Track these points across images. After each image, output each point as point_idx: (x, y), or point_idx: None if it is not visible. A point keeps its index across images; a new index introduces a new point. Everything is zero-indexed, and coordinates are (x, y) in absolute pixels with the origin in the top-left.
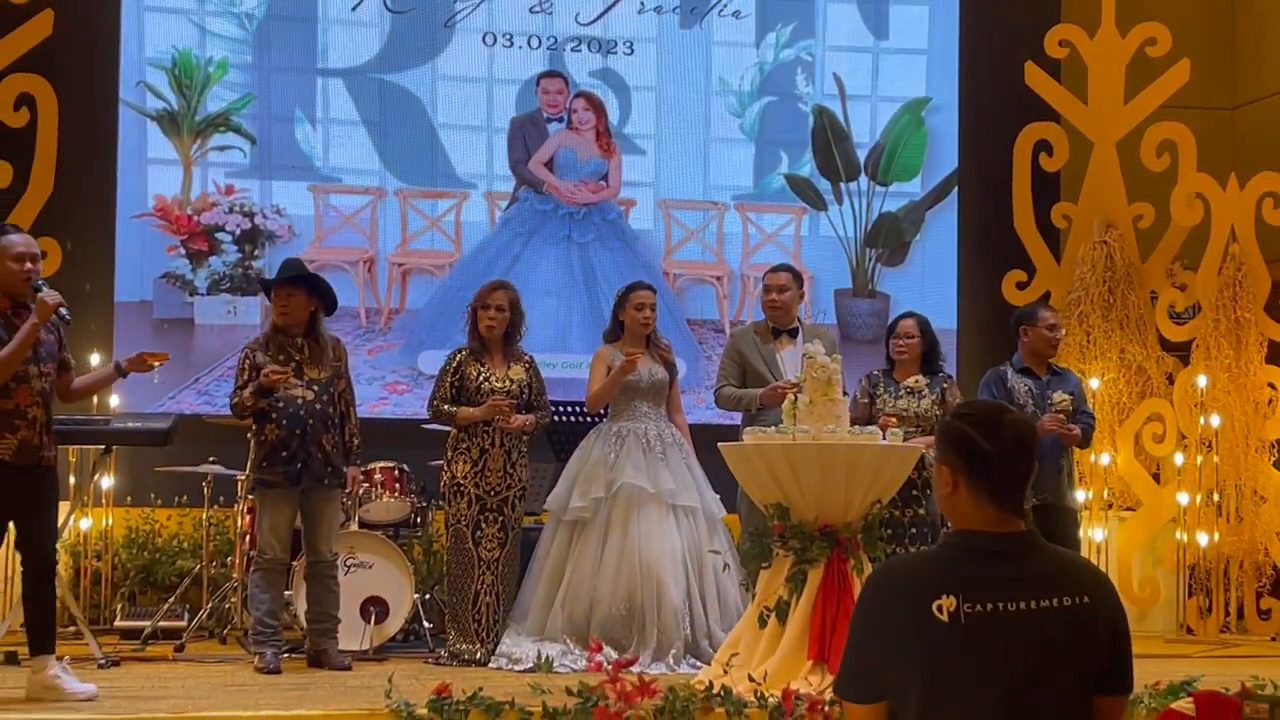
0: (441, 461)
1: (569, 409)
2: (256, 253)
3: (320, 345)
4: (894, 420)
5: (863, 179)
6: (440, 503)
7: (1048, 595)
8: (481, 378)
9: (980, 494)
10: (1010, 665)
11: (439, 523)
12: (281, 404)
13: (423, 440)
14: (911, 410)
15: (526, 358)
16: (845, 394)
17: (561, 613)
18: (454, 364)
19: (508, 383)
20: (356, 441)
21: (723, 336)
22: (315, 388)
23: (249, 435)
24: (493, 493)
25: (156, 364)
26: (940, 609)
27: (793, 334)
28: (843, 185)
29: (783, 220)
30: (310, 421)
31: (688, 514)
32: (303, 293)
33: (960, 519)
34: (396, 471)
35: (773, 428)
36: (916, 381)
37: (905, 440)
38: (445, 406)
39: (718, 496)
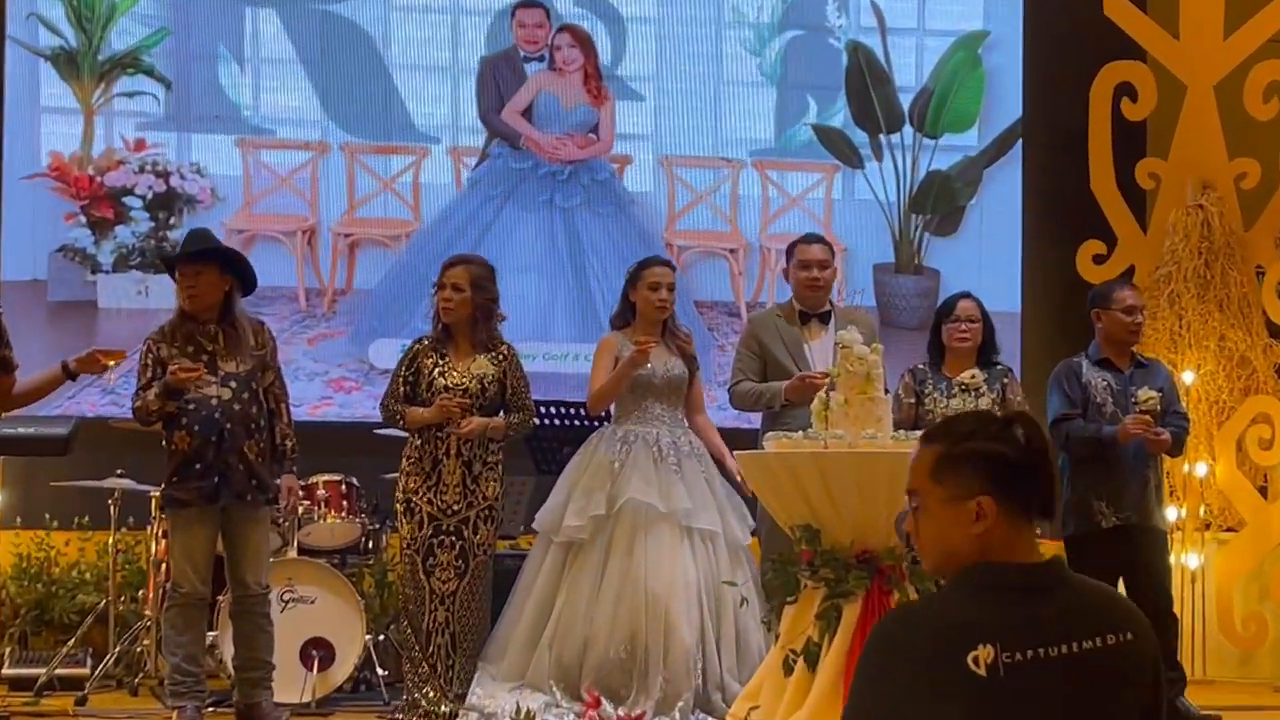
0: (396, 474)
1: (552, 411)
2: (173, 221)
3: (238, 332)
4: None
5: (907, 130)
6: (395, 524)
7: (1090, 635)
8: (436, 372)
9: (1017, 513)
10: (1059, 718)
11: (395, 548)
12: (193, 406)
13: (375, 448)
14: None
15: (502, 348)
16: (887, 392)
17: (548, 654)
18: (410, 355)
19: (467, 378)
20: (290, 444)
21: (738, 322)
22: (233, 384)
23: (164, 443)
24: (449, 512)
25: (112, 364)
26: (977, 661)
27: (824, 319)
28: (883, 138)
29: (810, 180)
30: (228, 425)
31: (706, 539)
32: (214, 269)
33: (988, 551)
34: (343, 486)
35: (799, 433)
36: (973, 377)
37: None
38: (398, 407)
39: (747, 514)
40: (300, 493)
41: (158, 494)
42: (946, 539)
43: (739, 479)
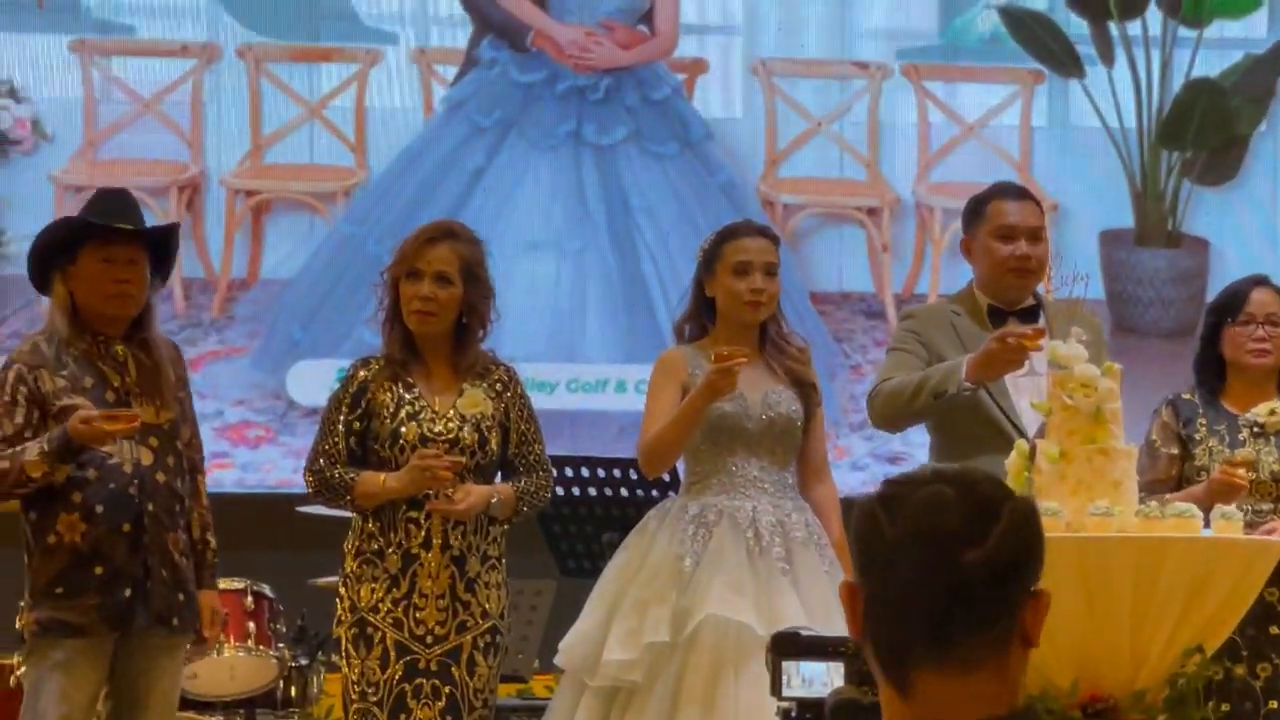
0: (336, 578)
1: (582, 474)
2: None
3: (155, 360)
4: (1237, 475)
5: (1153, 15)
6: (335, 658)
7: None
8: (404, 413)
9: (871, 633)
10: None
11: (334, 696)
12: (92, 474)
13: (300, 535)
14: (1266, 467)
15: (499, 373)
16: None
17: None
18: (354, 387)
19: (455, 422)
20: (213, 540)
21: (883, 325)
22: (154, 441)
23: (29, 533)
24: (429, 639)
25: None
26: None
27: (1027, 319)
28: (1114, 27)
29: (997, 97)
30: (149, 507)
31: None
32: (148, 257)
33: (888, 683)
34: (249, 598)
35: None
36: (1272, 413)
37: (1253, 525)
38: (337, 471)
39: None
40: (222, 610)
41: (23, 617)
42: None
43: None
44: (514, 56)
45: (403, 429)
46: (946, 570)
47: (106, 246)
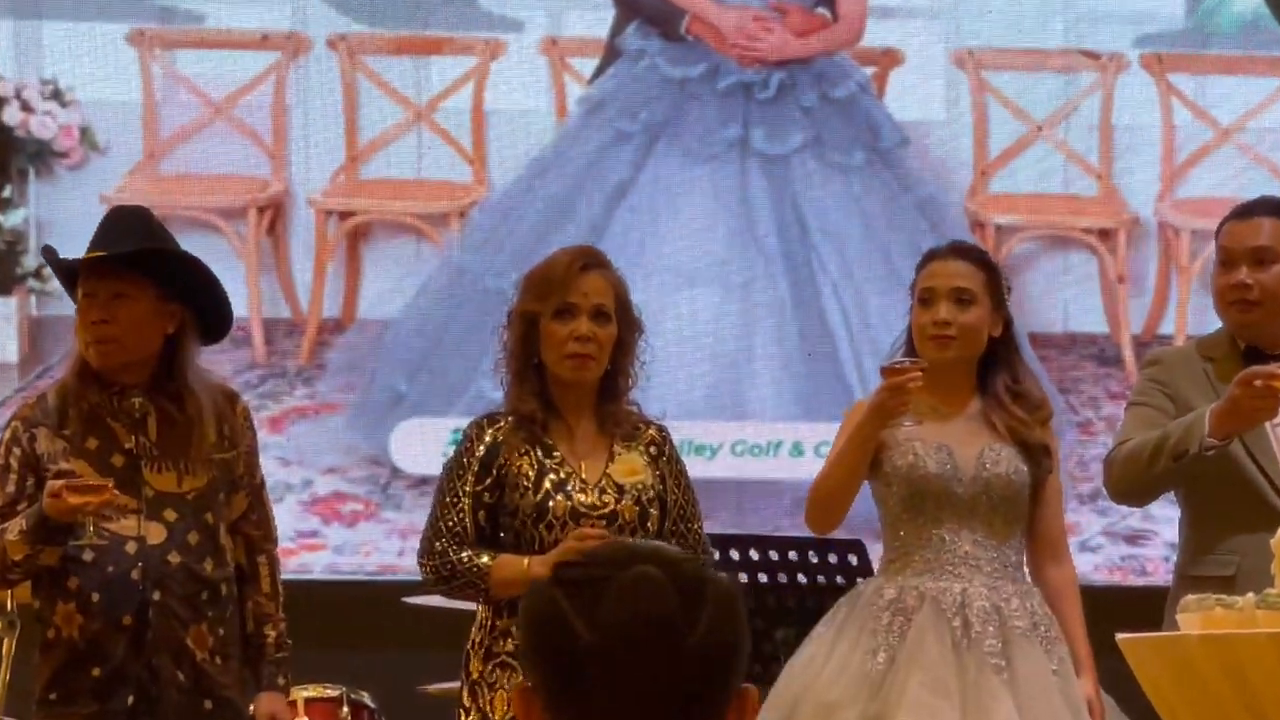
0: (454, 684)
1: (751, 557)
2: (8, 193)
3: (187, 415)
4: None
5: None
6: None
7: None
8: (548, 483)
9: None
10: None
11: None
12: (90, 557)
13: (408, 630)
14: None
15: (649, 431)
16: None
17: None
18: (482, 451)
19: (611, 493)
20: (274, 634)
21: (1117, 373)
22: (169, 514)
23: (38, 623)
24: None
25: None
26: None
27: None
28: None
29: (1259, 93)
30: (155, 595)
31: None
32: (148, 289)
33: None
34: (346, 709)
35: (1249, 595)
36: None
37: None
38: (466, 555)
39: None
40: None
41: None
42: None
43: (1089, 706)
44: (665, 47)
45: (550, 502)
46: (670, 667)
47: (89, 280)
